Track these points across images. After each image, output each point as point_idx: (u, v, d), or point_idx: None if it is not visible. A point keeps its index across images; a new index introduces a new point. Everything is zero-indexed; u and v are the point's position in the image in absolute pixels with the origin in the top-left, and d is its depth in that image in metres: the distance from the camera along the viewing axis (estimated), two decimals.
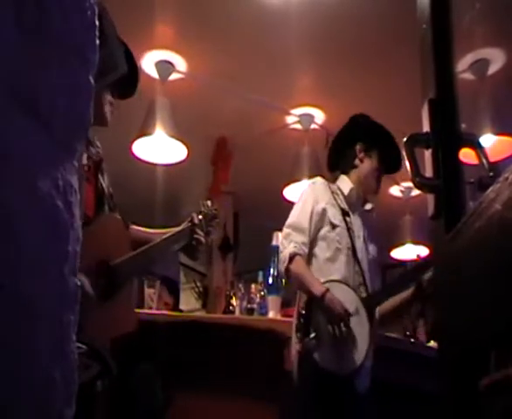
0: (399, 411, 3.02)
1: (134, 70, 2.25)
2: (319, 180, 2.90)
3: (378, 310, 2.77)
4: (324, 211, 2.75)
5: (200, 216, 2.43)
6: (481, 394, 0.95)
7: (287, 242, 2.70)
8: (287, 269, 2.65)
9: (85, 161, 2.17)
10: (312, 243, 2.73)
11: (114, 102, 2.24)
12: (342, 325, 2.53)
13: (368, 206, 2.93)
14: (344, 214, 2.79)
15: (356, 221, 2.83)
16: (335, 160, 2.99)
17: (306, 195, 2.83)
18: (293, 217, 2.77)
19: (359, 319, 2.60)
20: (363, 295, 2.69)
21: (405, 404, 3.11)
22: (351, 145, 2.89)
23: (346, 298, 2.61)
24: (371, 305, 2.69)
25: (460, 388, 1.06)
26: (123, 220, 2.28)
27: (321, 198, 2.78)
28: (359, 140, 2.88)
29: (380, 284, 2.99)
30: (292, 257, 2.64)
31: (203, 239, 2.38)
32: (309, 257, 2.73)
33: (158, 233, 2.35)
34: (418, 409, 3.05)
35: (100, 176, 2.25)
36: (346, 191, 2.85)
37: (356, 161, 2.87)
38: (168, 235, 2.33)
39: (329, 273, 2.68)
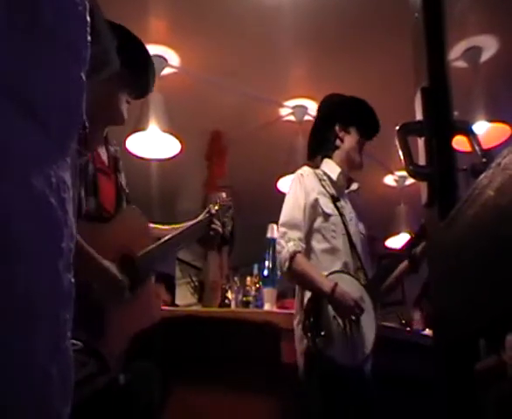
0: (396, 400, 3.03)
1: (150, 69, 2.31)
2: (306, 170, 2.85)
3: None
4: (316, 202, 2.72)
5: (216, 207, 2.45)
6: (477, 380, 0.96)
7: (284, 241, 2.64)
8: (290, 269, 2.59)
9: (105, 158, 2.25)
10: (307, 236, 2.70)
11: (130, 101, 2.28)
12: (353, 317, 2.53)
13: (354, 186, 2.92)
14: (334, 200, 2.77)
15: (345, 204, 2.83)
16: (316, 146, 2.96)
17: (296, 189, 2.78)
18: (286, 214, 2.73)
19: (365, 306, 2.60)
20: (362, 279, 2.70)
21: (402, 393, 3.11)
22: (330, 127, 2.88)
23: (351, 288, 2.59)
24: (373, 291, 2.70)
25: (456, 374, 1.06)
26: None
27: (311, 189, 2.75)
28: (336, 121, 2.86)
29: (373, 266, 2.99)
30: (292, 256, 2.59)
31: (220, 229, 2.40)
32: (307, 252, 2.69)
33: (171, 229, 2.36)
34: (414, 398, 3.07)
35: (118, 174, 2.31)
36: (334, 176, 2.82)
37: (337, 142, 2.86)
38: (186, 226, 2.36)
39: (329, 264, 2.66)
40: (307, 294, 2.62)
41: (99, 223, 2.05)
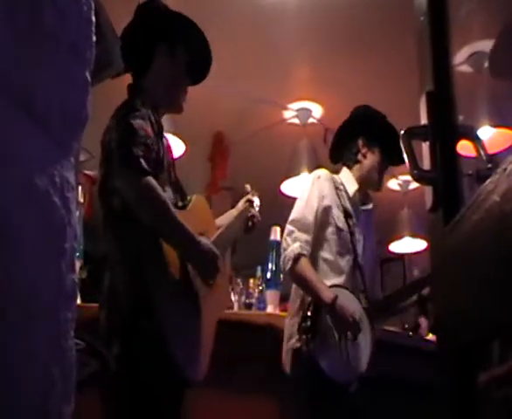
0: (398, 405, 3.02)
1: (207, 52, 2.37)
2: (324, 174, 2.76)
3: None
4: (329, 210, 2.66)
5: (255, 197, 2.61)
6: (480, 387, 0.95)
7: (291, 239, 2.59)
8: (292, 270, 2.55)
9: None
10: (314, 241, 2.63)
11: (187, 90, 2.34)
12: (349, 335, 2.50)
13: (370, 205, 2.87)
14: (347, 216, 2.71)
15: (356, 223, 2.76)
16: (338, 153, 2.91)
17: (311, 190, 2.70)
18: (297, 213, 2.66)
19: (363, 327, 2.57)
20: (364, 302, 2.65)
21: (404, 398, 3.11)
22: (354, 139, 2.82)
23: (352, 305, 2.55)
24: (373, 316, 2.67)
25: (459, 380, 1.06)
26: None
27: (326, 195, 2.68)
28: (361, 135, 2.80)
29: (378, 282, 2.97)
30: (297, 258, 2.54)
31: (257, 216, 2.53)
32: (312, 259, 2.63)
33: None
34: (416, 403, 3.06)
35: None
36: (351, 192, 2.76)
37: (359, 157, 2.79)
38: (235, 214, 2.50)
39: (330, 277, 2.62)
40: (308, 299, 2.57)
41: (180, 211, 2.11)
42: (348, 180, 2.79)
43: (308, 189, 2.72)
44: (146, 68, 2.21)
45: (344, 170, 2.84)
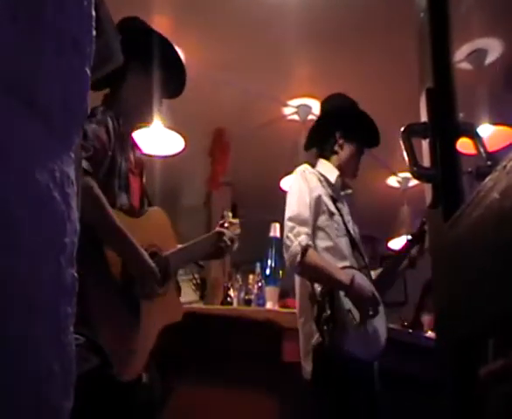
0: (399, 402, 3.03)
1: (181, 69, 2.48)
2: (308, 168, 2.84)
3: None
4: (320, 199, 2.71)
5: (226, 224, 2.62)
6: (481, 382, 0.95)
7: (293, 235, 2.59)
8: (302, 263, 2.53)
9: (132, 159, 2.36)
10: (313, 233, 2.67)
11: (162, 102, 2.45)
12: (371, 309, 2.53)
13: (348, 191, 2.94)
14: (334, 201, 2.77)
15: (342, 206, 2.83)
16: (314, 141, 2.99)
17: (299, 185, 2.75)
18: (292, 210, 2.68)
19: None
20: (368, 278, 2.70)
21: (405, 395, 3.11)
22: (330, 131, 2.88)
23: (365, 282, 2.60)
24: (380, 288, 2.70)
25: (460, 377, 1.06)
26: None
27: (314, 186, 2.73)
28: (338, 127, 2.87)
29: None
30: (305, 250, 2.53)
31: (228, 242, 2.55)
32: None
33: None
34: (417, 400, 3.07)
35: (142, 178, 2.45)
36: (332, 179, 2.83)
37: (336, 148, 2.86)
38: (204, 236, 2.57)
39: (332, 263, 2.63)
40: (317, 289, 2.58)
41: (130, 218, 2.16)
42: (327, 169, 2.86)
43: (297, 184, 2.77)
44: (121, 81, 2.30)
45: (321, 162, 2.91)
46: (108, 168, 2.10)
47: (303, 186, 2.73)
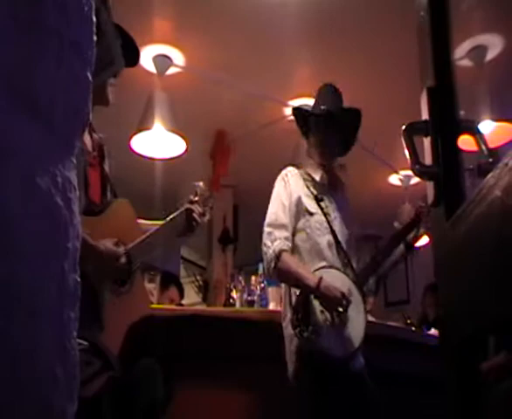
0: (401, 400, 3.02)
1: (131, 44, 2.25)
2: (291, 169, 2.90)
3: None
4: (300, 201, 2.74)
5: (196, 198, 2.49)
6: (483, 379, 0.95)
7: (269, 241, 2.64)
8: (276, 268, 2.59)
9: (89, 146, 2.19)
10: (293, 235, 2.71)
11: (115, 82, 2.23)
12: (340, 309, 2.55)
13: (338, 188, 2.97)
14: (318, 200, 2.79)
15: (329, 204, 2.84)
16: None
17: (279, 189, 2.82)
18: (271, 215, 2.74)
19: (354, 299, 2.61)
20: (351, 275, 2.71)
21: (407, 393, 3.11)
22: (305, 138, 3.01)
23: (338, 282, 2.61)
24: (362, 284, 2.73)
25: (462, 374, 1.06)
26: None
27: (294, 189, 2.78)
28: (302, 134, 3.01)
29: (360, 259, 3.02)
30: (278, 255, 2.59)
31: (199, 219, 2.43)
32: (292, 251, 2.69)
33: (155, 224, 2.38)
34: (419, 398, 3.06)
35: (103, 162, 2.28)
36: (317, 178, 2.86)
37: (310, 148, 2.97)
38: (168, 218, 2.39)
39: (314, 263, 2.66)
40: (295, 292, 2.61)
41: (90, 217, 2.03)
42: (312, 168, 2.91)
43: (277, 189, 2.84)
44: None
45: (309, 161, 2.97)
46: None
47: (282, 190, 2.80)
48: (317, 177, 2.86)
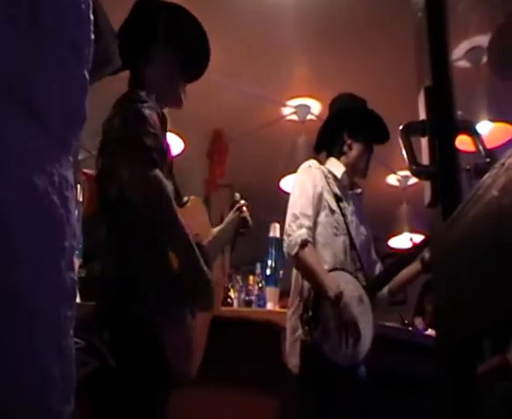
0: (398, 400, 3.02)
1: (206, 48, 2.35)
2: (314, 163, 2.85)
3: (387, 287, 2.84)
4: (322, 195, 2.72)
5: (243, 201, 2.55)
6: (479, 380, 0.95)
7: (296, 225, 2.61)
8: (297, 255, 2.57)
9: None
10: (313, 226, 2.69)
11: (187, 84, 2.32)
12: (351, 336, 2.52)
13: (358, 190, 2.94)
14: (338, 199, 2.77)
15: (347, 206, 2.83)
16: (323, 144, 2.98)
17: (303, 179, 2.77)
18: (296, 202, 2.70)
19: (363, 307, 2.60)
20: (362, 280, 2.69)
21: (404, 393, 3.11)
22: (338, 132, 2.88)
23: (350, 287, 2.59)
24: (373, 292, 2.71)
25: (459, 374, 1.06)
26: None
27: (318, 182, 2.75)
28: (346, 127, 2.87)
29: (376, 263, 2.99)
30: (303, 244, 2.56)
31: (250, 219, 2.50)
32: None
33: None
34: (416, 398, 3.06)
35: None
36: (339, 175, 2.83)
37: (345, 148, 2.86)
38: (228, 221, 2.48)
39: (328, 259, 2.65)
40: (306, 285, 2.60)
41: (179, 208, 2.06)
42: (335, 166, 2.87)
43: (302, 178, 2.80)
44: (144, 64, 2.18)
45: (330, 159, 2.91)
46: (161, 156, 1.96)
47: (307, 180, 2.75)
48: (338, 175, 2.84)
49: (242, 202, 2.53)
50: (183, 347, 2.04)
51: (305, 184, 2.74)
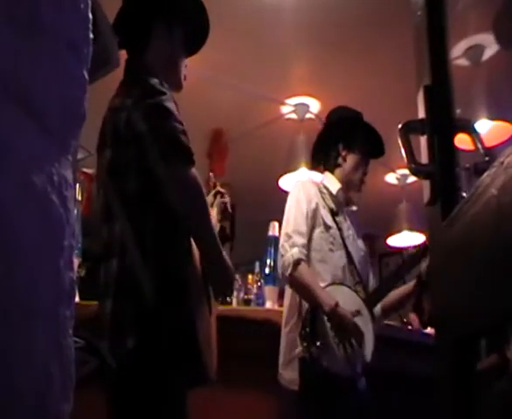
0: (397, 399, 3.03)
1: (205, 23, 2.33)
2: (308, 179, 2.86)
3: (380, 304, 2.80)
4: (317, 211, 2.70)
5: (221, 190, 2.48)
6: (478, 378, 0.95)
7: (288, 245, 2.61)
8: (291, 276, 2.57)
9: None
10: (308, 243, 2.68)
11: (187, 64, 2.25)
12: (354, 340, 2.52)
13: (354, 207, 2.92)
14: (333, 214, 2.76)
15: (343, 221, 2.81)
16: (319, 157, 2.96)
17: (298, 195, 2.75)
18: (290, 221, 2.69)
19: (363, 319, 2.59)
20: (361, 293, 2.68)
21: (404, 392, 3.11)
22: (333, 144, 2.87)
23: (348, 300, 2.58)
24: (372, 304, 2.70)
25: (458, 373, 1.06)
26: None
27: (312, 198, 2.73)
28: (340, 139, 2.85)
29: (374, 276, 2.98)
30: (296, 264, 2.56)
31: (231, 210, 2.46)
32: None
33: None
34: (416, 396, 3.06)
35: None
36: (334, 191, 2.81)
37: (340, 160, 2.84)
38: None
39: (324, 275, 2.64)
40: (305, 305, 2.59)
41: None
42: (330, 181, 2.85)
43: (296, 195, 2.77)
44: (144, 45, 2.10)
45: (326, 174, 2.90)
46: None
47: (301, 196, 2.73)
48: (333, 191, 2.82)
49: (220, 189, 2.45)
50: (210, 346, 2.00)
51: (299, 200, 2.73)
